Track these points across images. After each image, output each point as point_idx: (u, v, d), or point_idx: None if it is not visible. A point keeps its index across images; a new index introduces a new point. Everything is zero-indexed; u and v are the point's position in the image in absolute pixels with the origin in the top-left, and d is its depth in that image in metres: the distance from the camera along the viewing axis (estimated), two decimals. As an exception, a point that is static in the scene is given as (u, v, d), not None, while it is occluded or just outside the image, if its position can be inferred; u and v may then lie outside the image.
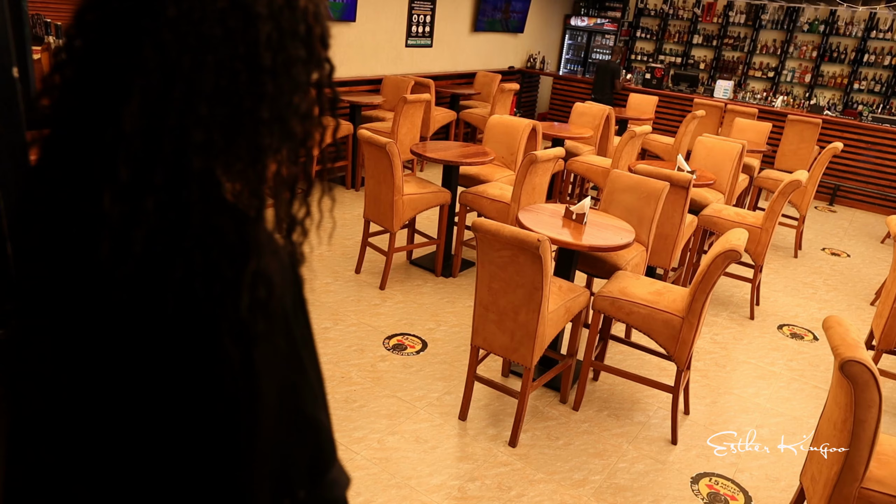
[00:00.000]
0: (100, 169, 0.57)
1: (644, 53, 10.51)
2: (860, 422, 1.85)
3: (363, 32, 6.71)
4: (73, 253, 0.60)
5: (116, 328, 0.59)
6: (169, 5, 0.56)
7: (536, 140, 5.06)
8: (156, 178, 0.56)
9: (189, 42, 0.57)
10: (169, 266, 0.57)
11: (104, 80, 0.59)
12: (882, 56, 8.73)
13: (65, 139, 0.62)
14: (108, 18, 0.58)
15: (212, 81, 0.58)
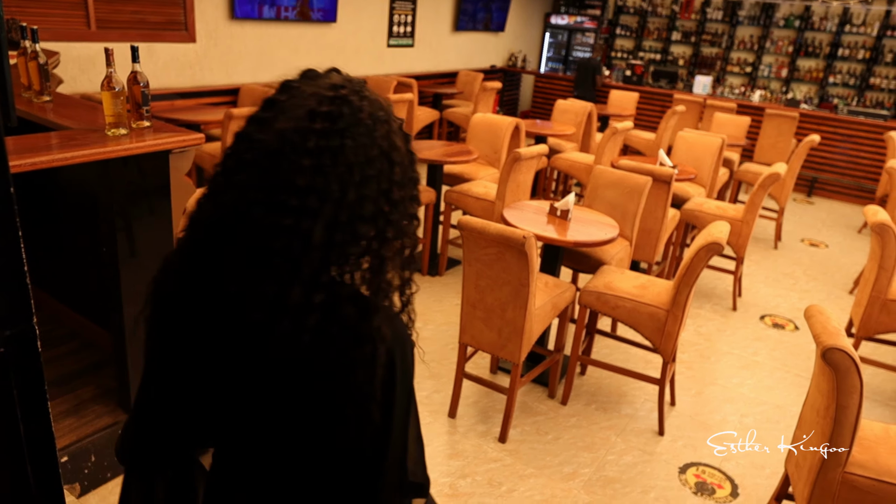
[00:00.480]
0: (278, 265, 0.74)
1: (624, 51, 10.59)
2: (842, 408, 1.89)
3: (344, 33, 6.70)
4: (231, 320, 0.77)
5: (288, 380, 0.78)
6: (348, 152, 0.76)
7: (520, 138, 5.08)
8: (324, 277, 0.76)
9: (356, 180, 0.77)
10: (329, 337, 0.77)
11: (277, 193, 0.75)
12: (856, 50, 8.88)
13: (226, 229, 0.78)
14: (282, 147, 0.76)
15: (369, 209, 0.79)
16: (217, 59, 5.48)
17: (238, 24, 5.54)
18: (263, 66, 5.92)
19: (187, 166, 2.27)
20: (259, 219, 0.74)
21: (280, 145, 0.75)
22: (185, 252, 0.81)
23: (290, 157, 0.75)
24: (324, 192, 0.75)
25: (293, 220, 0.73)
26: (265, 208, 0.74)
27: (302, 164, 0.74)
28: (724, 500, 2.67)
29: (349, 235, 0.77)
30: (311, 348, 0.76)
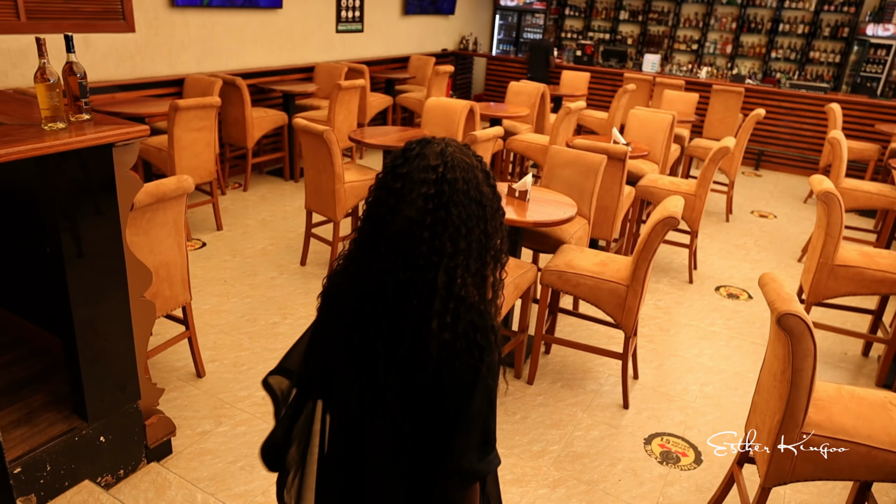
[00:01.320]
0: (417, 304, 1.07)
1: (574, 31, 10.66)
2: (798, 370, 1.95)
3: (291, 19, 6.54)
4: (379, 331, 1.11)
5: (419, 379, 1.09)
6: (454, 218, 1.05)
7: (475, 121, 5.07)
8: (451, 307, 1.06)
9: (462, 233, 1.06)
10: (458, 346, 1.07)
11: (409, 258, 1.07)
12: (795, 25, 9.14)
13: (341, 296, 1.18)
14: (409, 228, 1.06)
15: (475, 251, 1.09)
16: (159, 48, 5.28)
17: (180, 13, 5.35)
18: (209, 56, 5.74)
19: (132, 160, 2.18)
20: (401, 276, 1.07)
21: (407, 226, 1.06)
22: (346, 285, 1.17)
23: (415, 234, 1.06)
24: (440, 251, 1.06)
25: (422, 274, 1.06)
26: (403, 270, 1.07)
27: (423, 237, 1.06)
28: (689, 467, 2.74)
29: (463, 269, 1.08)
30: (442, 362, 1.07)
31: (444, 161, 1.08)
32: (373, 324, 1.10)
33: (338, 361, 1.18)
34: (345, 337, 1.15)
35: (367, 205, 1.14)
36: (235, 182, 6.05)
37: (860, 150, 6.66)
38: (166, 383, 3.00)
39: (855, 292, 3.43)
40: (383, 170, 1.14)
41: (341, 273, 1.19)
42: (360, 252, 1.13)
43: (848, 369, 3.64)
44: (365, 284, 1.11)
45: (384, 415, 1.12)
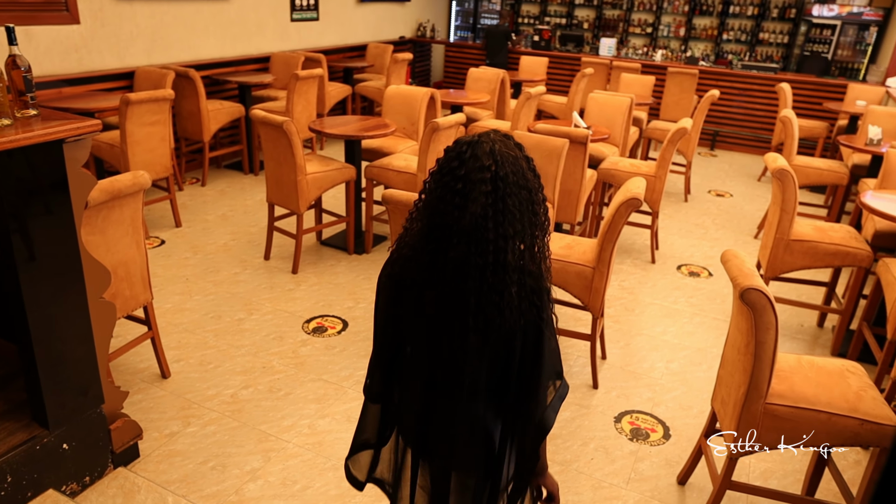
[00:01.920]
0: (473, 273, 1.27)
1: (530, 16, 10.68)
2: (761, 343, 2.01)
3: (244, 8, 6.39)
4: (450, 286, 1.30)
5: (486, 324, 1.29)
6: (511, 207, 1.25)
7: (436, 108, 5.04)
8: (516, 278, 1.28)
9: (517, 217, 1.26)
10: (523, 307, 1.29)
11: (480, 245, 1.26)
12: (745, 7, 9.33)
13: (406, 269, 1.37)
14: (476, 222, 1.25)
15: (528, 228, 1.29)
16: (106, 40, 5.09)
17: (127, 3, 5.16)
18: (159, 47, 5.56)
19: (84, 157, 2.10)
20: (477, 260, 1.26)
21: (474, 221, 1.25)
22: (418, 267, 1.35)
23: (482, 226, 1.25)
24: (504, 235, 1.26)
25: (495, 258, 1.26)
26: (478, 255, 1.26)
27: (488, 227, 1.25)
28: (658, 442, 2.81)
29: (521, 245, 1.29)
30: (513, 325, 1.29)
31: (495, 160, 1.26)
32: (460, 302, 1.30)
33: (419, 335, 1.40)
34: (429, 314, 1.35)
35: (429, 203, 1.32)
36: (193, 177, 5.90)
37: (809, 127, 6.86)
38: (130, 386, 2.92)
39: (810, 265, 3.54)
40: (440, 171, 1.30)
41: (409, 262, 1.37)
42: (434, 244, 1.31)
43: (805, 340, 3.77)
44: (443, 271, 1.31)
45: (469, 370, 1.35)
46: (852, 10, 8.47)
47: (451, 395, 1.38)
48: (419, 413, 1.46)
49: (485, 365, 1.34)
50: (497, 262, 1.27)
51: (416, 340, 1.41)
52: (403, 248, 1.39)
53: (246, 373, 3.11)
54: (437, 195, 1.29)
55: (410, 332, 1.41)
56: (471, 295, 1.28)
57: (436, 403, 1.43)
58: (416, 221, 1.36)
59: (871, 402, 2.09)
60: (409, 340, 1.43)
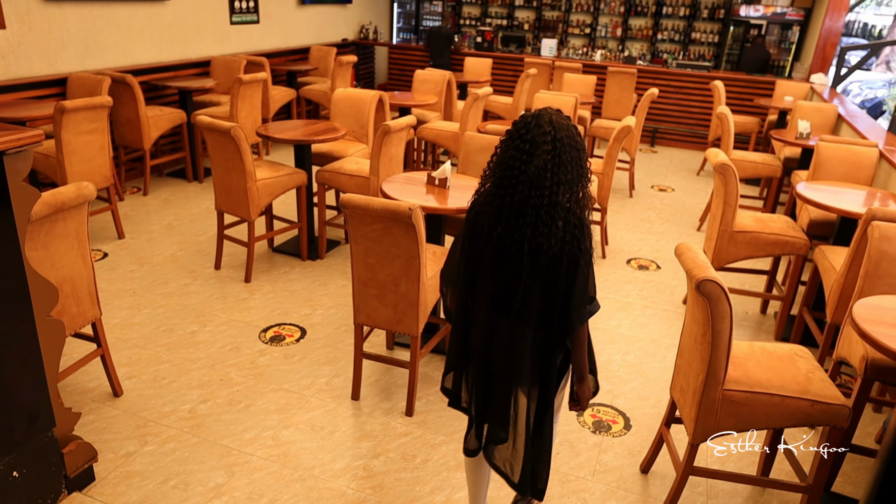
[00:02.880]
0: (509, 233, 1.70)
1: (472, 17, 10.76)
2: (717, 332, 2.09)
3: (181, 11, 6.20)
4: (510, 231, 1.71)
5: (540, 260, 1.69)
6: (565, 162, 1.67)
7: (385, 111, 5.02)
8: (564, 214, 1.69)
9: (569, 169, 1.68)
10: (566, 237, 1.68)
11: (502, 188, 1.71)
12: (677, 8, 9.67)
13: (481, 218, 1.77)
14: (507, 168, 1.70)
15: (575, 179, 1.71)
16: (34, 46, 4.85)
17: (56, 6, 4.93)
18: (92, 52, 5.34)
19: (27, 169, 1.99)
20: (535, 201, 1.66)
21: (537, 172, 1.66)
22: (487, 205, 1.75)
23: (542, 175, 1.66)
24: (558, 182, 1.67)
25: (548, 199, 1.66)
26: (536, 198, 1.66)
27: (547, 176, 1.65)
28: (620, 433, 2.88)
29: (569, 191, 1.69)
30: (559, 252, 1.68)
31: (554, 126, 1.69)
32: (518, 231, 1.70)
33: (486, 258, 1.79)
34: (494, 241, 1.75)
35: (500, 161, 1.75)
36: (134, 186, 5.69)
37: (742, 123, 7.17)
38: (81, 406, 2.79)
39: (752, 255, 3.70)
40: (511, 137, 1.74)
41: (485, 203, 1.78)
42: (503, 190, 1.72)
43: (750, 327, 3.94)
44: (509, 210, 1.71)
45: (523, 289, 1.73)
46: (776, 11, 8.90)
47: (510, 313, 1.77)
48: (484, 333, 1.84)
49: (536, 285, 1.72)
50: (550, 202, 1.68)
51: (484, 268, 1.80)
52: (479, 198, 1.82)
53: (203, 386, 3.02)
54: (508, 154, 1.72)
55: (481, 262, 1.81)
56: (527, 227, 1.69)
57: (497, 324, 1.81)
58: (489, 179, 1.79)
59: (819, 383, 2.20)
60: (479, 271, 1.82)
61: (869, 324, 2.08)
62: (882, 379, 2.38)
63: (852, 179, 4.21)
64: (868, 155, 4.24)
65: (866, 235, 2.72)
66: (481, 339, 1.85)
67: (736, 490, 2.57)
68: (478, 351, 1.87)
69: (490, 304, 1.81)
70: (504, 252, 1.73)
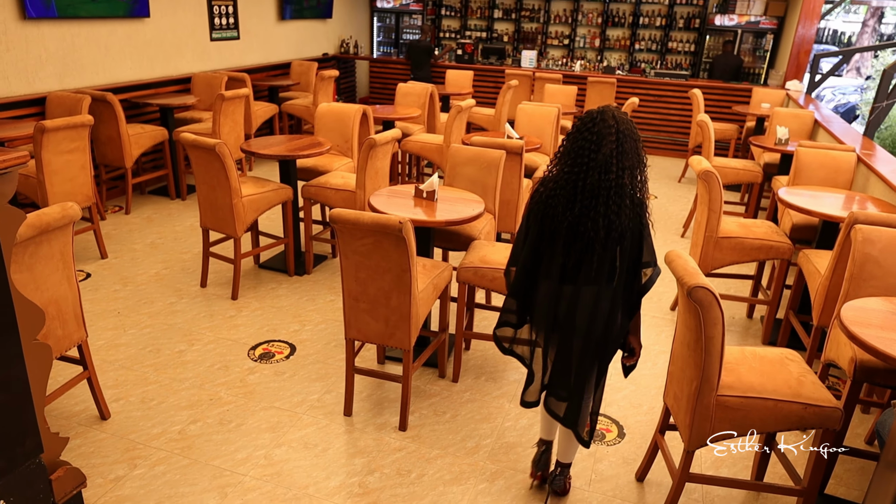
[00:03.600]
0: (584, 212, 2.04)
1: (451, 30, 10.84)
2: (709, 338, 2.10)
3: (161, 29, 6.16)
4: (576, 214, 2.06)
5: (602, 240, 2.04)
6: (628, 150, 2.02)
7: (369, 125, 5.02)
8: (629, 193, 2.04)
9: (631, 156, 2.03)
10: (630, 214, 2.03)
11: (574, 173, 2.05)
12: (654, 18, 9.82)
13: (555, 199, 2.10)
14: (578, 156, 2.05)
15: (635, 165, 2.05)
16: (12, 65, 4.79)
17: (33, 25, 4.88)
18: (71, 71, 5.28)
19: (12, 191, 1.95)
20: (605, 184, 1.99)
21: (605, 159, 1.99)
22: (560, 189, 2.07)
23: (610, 161, 1.98)
24: (622, 167, 1.99)
25: (616, 183, 1.98)
26: (605, 180, 1.99)
27: (613, 162, 1.98)
28: (615, 441, 2.88)
29: (631, 175, 2.01)
30: (625, 227, 2.01)
31: (616, 120, 2.02)
32: (593, 210, 2.02)
33: (555, 240, 2.11)
34: (567, 227, 2.06)
35: (569, 151, 2.07)
36: (115, 205, 5.62)
37: (721, 130, 7.28)
38: (67, 430, 2.74)
39: (737, 261, 3.74)
40: (579, 130, 2.05)
41: (556, 188, 2.09)
42: (575, 175, 2.04)
43: (737, 332, 3.97)
44: (572, 198, 2.05)
45: (597, 259, 2.06)
46: (750, 19, 9.08)
47: (578, 281, 2.10)
48: (552, 300, 2.16)
49: (607, 255, 2.05)
50: (617, 185, 2.00)
51: (556, 242, 2.10)
52: (548, 183, 2.13)
53: (192, 407, 2.97)
54: (577, 144, 2.04)
55: (552, 242, 2.11)
56: (601, 206, 2.01)
57: (563, 290, 2.14)
58: (556, 166, 2.13)
59: (811, 386, 2.22)
60: (547, 249, 2.13)
61: (857, 326, 2.11)
62: (871, 380, 2.42)
63: (831, 183, 4.28)
64: (846, 159, 4.33)
65: (850, 239, 2.77)
66: (551, 305, 2.16)
67: (731, 495, 2.58)
68: (546, 316, 2.18)
69: (560, 272, 2.12)
70: (580, 227, 2.04)
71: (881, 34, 19.61)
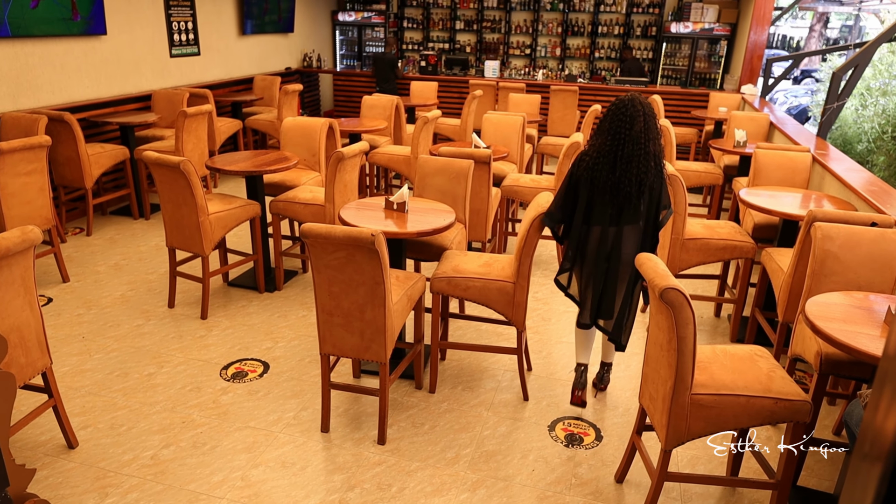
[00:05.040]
0: (623, 173, 2.81)
1: (414, 42, 10.89)
2: (682, 338, 2.14)
3: (118, 45, 6.05)
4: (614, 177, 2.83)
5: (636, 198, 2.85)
6: (651, 127, 2.80)
7: (335, 138, 5.01)
8: (654, 156, 2.82)
9: (653, 130, 2.82)
10: (655, 172, 2.83)
11: (612, 145, 2.82)
12: (612, 27, 10.03)
13: (599, 165, 2.86)
14: (616, 132, 2.81)
15: (655, 137, 2.83)
16: (-37, 87, 4.65)
17: (-16, 45, 4.75)
18: (26, 91, 5.15)
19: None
20: (636, 152, 2.77)
21: (637, 135, 2.77)
22: (602, 158, 2.82)
23: (641, 134, 2.77)
24: (648, 139, 2.77)
25: (644, 150, 2.78)
26: (639, 150, 2.77)
27: (642, 135, 2.77)
28: (592, 444, 2.91)
29: (655, 144, 2.80)
30: (642, 190, 2.80)
31: (642, 104, 2.77)
32: (629, 171, 2.76)
33: (601, 197, 2.84)
34: (610, 186, 2.79)
35: (606, 128, 2.81)
36: (76, 227, 5.47)
37: (682, 134, 7.45)
38: (34, 461, 2.64)
39: (703, 261, 3.82)
40: (615, 113, 2.78)
41: (598, 157, 2.82)
42: (615, 147, 2.77)
43: (706, 331, 4.05)
44: (613, 164, 2.78)
45: (633, 206, 2.82)
46: (704, 27, 9.33)
47: (620, 223, 2.85)
48: (602, 238, 2.87)
49: (640, 203, 2.82)
50: (645, 153, 2.77)
51: (602, 198, 2.84)
52: (591, 151, 2.87)
53: (164, 430, 2.90)
54: (615, 124, 2.78)
55: (598, 195, 2.85)
56: (633, 169, 2.76)
57: (610, 231, 2.87)
58: (597, 138, 2.86)
59: (780, 381, 2.28)
60: (596, 201, 2.86)
61: (821, 320, 2.18)
62: (836, 372, 2.49)
63: (789, 183, 4.41)
64: (802, 159, 4.47)
65: (810, 236, 2.85)
66: (598, 246, 2.89)
67: (709, 492, 2.62)
68: (593, 254, 2.91)
69: (608, 220, 2.85)
70: (621, 185, 2.79)
71: (827, 38, 20.37)
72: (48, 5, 5.19)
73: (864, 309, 2.32)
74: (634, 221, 2.84)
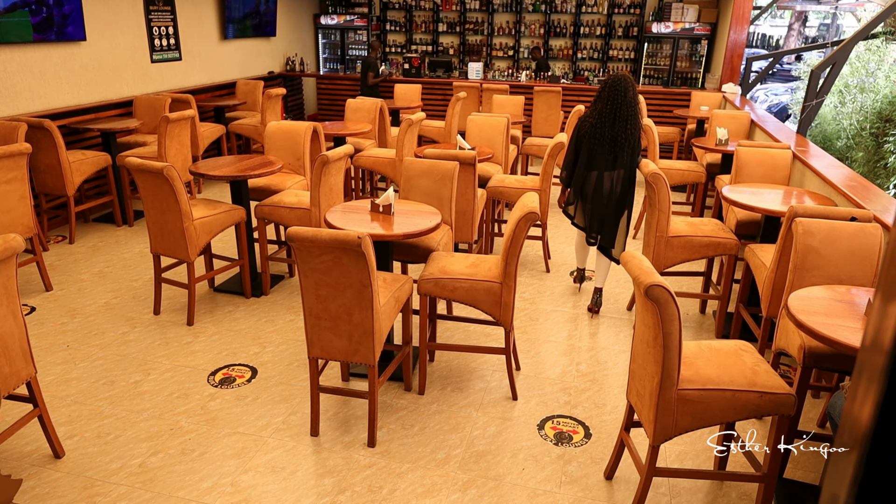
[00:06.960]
0: (619, 129, 3.85)
1: (397, 45, 10.89)
2: (667, 334, 2.17)
3: (98, 52, 6.00)
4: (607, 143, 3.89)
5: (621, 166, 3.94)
6: (631, 100, 3.84)
7: (320, 142, 4.99)
8: (634, 123, 3.86)
9: (633, 106, 3.85)
10: (636, 135, 3.90)
11: (612, 108, 3.86)
12: (594, 27, 10.10)
13: (601, 124, 3.89)
14: (614, 99, 3.85)
15: (634, 114, 3.87)
16: (-60, 95, 4.58)
17: (-39, 52, 4.69)
18: (4, 98, 5.09)
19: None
20: (628, 114, 3.83)
21: (630, 100, 3.82)
22: (603, 118, 3.85)
23: (631, 102, 3.82)
24: (635, 103, 3.85)
25: (632, 112, 3.84)
26: (629, 112, 3.84)
27: (631, 102, 3.84)
28: (581, 442, 2.93)
29: (637, 109, 3.87)
30: (630, 142, 3.85)
31: (627, 81, 3.82)
32: (622, 134, 3.80)
33: (601, 148, 3.83)
34: (609, 139, 3.80)
35: (608, 95, 3.82)
36: (59, 235, 5.42)
37: (664, 133, 7.51)
38: (20, 472, 2.61)
39: (688, 258, 3.86)
40: (610, 86, 3.82)
41: (597, 120, 3.83)
42: (612, 110, 3.79)
43: (692, 327, 4.09)
44: (613, 122, 3.79)
45: (625, 154, 3.84)
46: (685, 26, 9.43)
47: (615, 167, 3.84)
48: (599, 180, 3.87)
49: (627, 150, 3.79)
50: (633, 114, 3.80)
51: (602, 149, 3.81)
52: (592, 115, 3.86)
53: (152, 438, 2.88)
54: (612, 93, 3.78)
55: (599, 147, 3.81)
56: (629, 125, 3.78)
57: (606, 175, 3.86)
58: (598, 103, 3.85)
59: (765, 375, 2.31)
60: (597, 152, 3.82)
61: (804, 314, 2.21)
62: (819, 365, 2.53)
63: (770, 180, 4.47)
64: (783, 157, 4.53)
65: (791, 232, 2.89)
66: (599, 183, 3.87)
67: (697, 486, 2.65)
68: (594, 192, 3.91)
69: (605, 165, 3.82)
70: (617, 139, 3.76)
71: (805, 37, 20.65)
72: (21, 12, 5.13)
73: (845, 302, 2.36)
74: (623, 166, 3.83)
